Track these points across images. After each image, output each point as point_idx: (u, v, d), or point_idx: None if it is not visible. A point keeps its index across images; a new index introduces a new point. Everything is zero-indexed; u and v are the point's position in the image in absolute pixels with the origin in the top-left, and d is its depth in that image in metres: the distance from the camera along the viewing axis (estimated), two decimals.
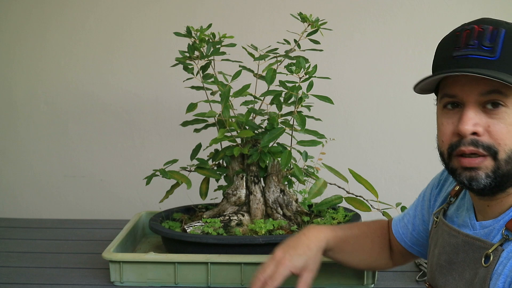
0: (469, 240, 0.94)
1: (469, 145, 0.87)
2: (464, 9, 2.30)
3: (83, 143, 2.45)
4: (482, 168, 0.87)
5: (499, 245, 0.88)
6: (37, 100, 2.43)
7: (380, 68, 2.32)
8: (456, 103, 0.91)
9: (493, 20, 0.91)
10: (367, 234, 1.30)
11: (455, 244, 0.97)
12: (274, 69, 1.71)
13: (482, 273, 0.89)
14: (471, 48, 0.88)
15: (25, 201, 2.49)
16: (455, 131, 0.89)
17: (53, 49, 2.40)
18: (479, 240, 0.92)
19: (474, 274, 0.91)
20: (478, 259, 0.91)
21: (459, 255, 0.96)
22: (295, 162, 1.74)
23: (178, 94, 2.31)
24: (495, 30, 0.88)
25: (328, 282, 1.56)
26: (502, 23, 0.89)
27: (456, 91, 0.90)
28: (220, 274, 1.58)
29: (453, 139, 0.90)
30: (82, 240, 2.03)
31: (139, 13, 2.36)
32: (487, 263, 0.89)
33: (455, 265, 0.97)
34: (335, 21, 1.92)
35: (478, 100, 0.87)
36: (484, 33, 0.88)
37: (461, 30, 0.92)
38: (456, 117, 0.90)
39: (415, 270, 1.71)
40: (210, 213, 1.81)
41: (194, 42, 1.76)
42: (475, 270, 0.91)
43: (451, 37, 0.94)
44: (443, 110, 0.93)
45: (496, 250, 0.88)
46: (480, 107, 0.88)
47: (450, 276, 0.98)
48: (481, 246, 0.91)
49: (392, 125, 2.33)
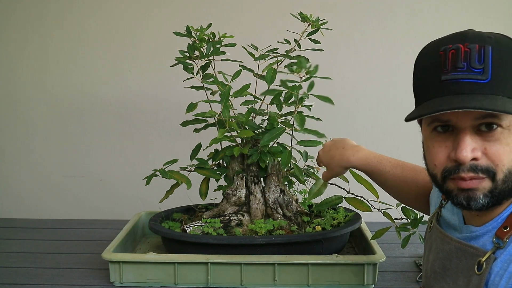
0: (461, 247, 0.94)
1: (469, 171, 0.85)
2: (464, 9, 2.30)
3: (83, 143, 2.45)
4: (479, 189, 0.86)
5: (491, 253, 0.88)
6: (37, 100, 2.43)
7: (380, 68, 2.32)
8: (447, 125, 0.88)
9: (477, 35, 0.86)
10: (406, 179, 1.28)
11: (448, 251, 0.97)
12: (274, 68, 1.71)
13: (475, 280, 0.89)
14: (460, 71, 0.84)
15: (25, 201, 2.49)
16: (451, 157, 0.87)
17: (53, 49, 2.40)
18: (472, 247, 0.92)
19: (467, 281, 0.91)
20: (471, 267, 0.91)
21: (452, 261, 0.95)
22: (295, 162, 1.74)
23: (178, 94, 2.31)
24: (481, 49, 0.83)
25: (328, 282, 1.56)
26: (486, 39, 0.85)
27: (450, 117, 0.86)
28: (220, 274, 1.57)
29: (448, 164, 0.88)
30: (82, 240, 2.02)
31: (139, 13, 2.36)
32: (480, 271, 0.88)
33: (448, 272, 0.96)
34: (335, 21, 1.92)
35: (473, 124, 0.85)
36: (471, 53, 0.83)
37: (444, 50, 0.86)
38: (449, 140, 0.88)
39: (415, 270, 1.70)
40: (210, 213, 1.81)
41: (194, 42, 1.76)
42: (468, 277, 0.91)
43: (434, 57, 0.88)
44: (433, 133, 0.90)
45: (489, 258, 0.88)
46: (474, 130, 0.85)
47: (444, 282, 0.97)
48: (474, 253, 0.91)
49: (392, 125, 2.33)
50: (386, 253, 1.61)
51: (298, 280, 1.57)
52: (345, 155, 1.32)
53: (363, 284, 1.56)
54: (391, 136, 2.34)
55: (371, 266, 1.56)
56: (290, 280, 1.57)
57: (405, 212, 1.58)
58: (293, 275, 1.57)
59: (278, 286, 1.57)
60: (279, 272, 1.56)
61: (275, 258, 1.56)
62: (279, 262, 1.56)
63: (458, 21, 2.29)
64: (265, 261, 1.56)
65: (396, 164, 1.30)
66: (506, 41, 0.86)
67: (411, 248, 1.84)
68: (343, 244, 1.74)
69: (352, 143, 1.39)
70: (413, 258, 1.80)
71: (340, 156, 1.33)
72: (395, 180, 1.29)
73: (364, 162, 1.30)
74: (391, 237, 1.74)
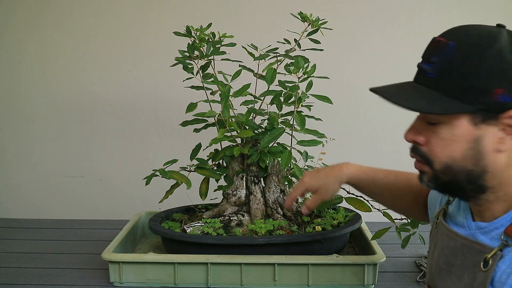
0: (467, 243, 0.94)
1: (411, 151, 0.94)
2: (465, 9, 2.30)
3: (83, 143, 2.45)
4: (424, 173, 0.94)
5: (498, 250, 0.88)
6: (37, 100, 2.43)
7: (381, 68, 2.32)
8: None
9: (458, 30, 0.89)
10: (400, 185, 1.28)
11: (453, 247, 0.97)
12: (274, 68, 1.71)
13: (481, 277, 0.89)
14: (424, 61, 0.90)
15: (25, 201, 2.49)
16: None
17: (53, 49, 2.40)
18: (478, 244, 0.91)
19: (473, 278, 0.91)
20: (476, 263, 0.90)
21: (458, 258, 0.95)
22: (295, 162, 1.74)
23: (178, 94, 2.30)
24: (444, 44, 0.87)
25: (328, 282, 1.56)
26: (460, 36, 0.87)
27: None
28: (220, 274, 1.57)
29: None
30: (82, 240, 2.02)
31: (139, 13, 2.36)
32: (486, 268, 0.88)
33: (453, 268, 0.96)
34: (336, 21, 1.91)
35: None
36: (437, 46, 0.88)
37: (433, 39, 0.92)
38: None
39: (415, 270, 1.70)
40: (210, 213, 1.81)
41: (194, 42, 1.76)
42: (474, 274, 0.91)
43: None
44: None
45: (495, 255, 0.87)
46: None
47: (449, 279, 0.97)
48: (480, 250, 0.91)
49: (392, 125, 2.33)
50: (386, 253, 1.61)
51: (298, 280, 1.57)
52: (338, 169, 1.29)
53: (363, 284, 1.56)
54: (391, 136, 2.34)
55: (371, 266, 1.56)
56: (290, 280, 1.57)
57: None
58: (293, 275, 1.57)
59: (278, 286, 1.57)
60: (279, 272, 1.56)
61: (275, 258, 1.56)
62: (279, 262, 1.55)
63: (458, 21, 2.28)
64: (265, 261, 1.56)
65: (389, 172, 1.31)
66: (475, 41, 0.86)
67: (411, 248, 1.84)
68: (343, 244, 1.74)
69: (326, 167, 1.37)
70: (413, 258, 1.80)
71: (335, 172, 1.30)
72: (390, 188, 1.29)
73: (359, 172, 1.29)
74: (391, 237, 1.73)
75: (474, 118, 0.86)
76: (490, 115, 0.85)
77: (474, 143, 0.87)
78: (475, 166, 0.88)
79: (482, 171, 0.88)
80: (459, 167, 0.89)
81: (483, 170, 0.88)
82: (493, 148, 0.87)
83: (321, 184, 1.30)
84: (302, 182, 1.33)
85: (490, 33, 0.86)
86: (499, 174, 0.89)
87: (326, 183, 1.30)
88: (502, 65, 0.83)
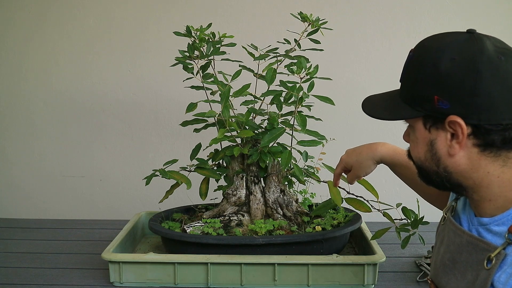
0: (473, 241, 0.94)
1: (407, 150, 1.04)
2: (465, 9, 2.30)
3: (83, 143, 2.45)
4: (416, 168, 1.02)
5: (502, 248, 0.88)
6: (37, 100, 2.43)
7: (381, 68, 2.32)
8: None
9: (421, 41, 0.98)
10: None
11: (459, 244, 0.97)
12: (274, 68, 1.71)
13: (483, 275, 0.89)
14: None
15: (25, 201, 2.49)
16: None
17: (53, 50, 2.40)
18: (483, 242, 0.92)
19: (475, 276, 0.91)
20: (480, 261, 0.91)
21: (463, 255, 0.96)
22: (295, 162, 1.74)
23: (178, 94, 2.30)
24: (409, 54, 0.97)
25: (328, 282, 1.56)
26: (419, 46, 0.96)
27: None
28: (220, 274, 1.57)
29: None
30: (82, 240, 2.02)
31: (139, 13, 2.36)
32: (489, 266, 0.89)
33: (458, 265, 0.97)
34: (336, 21, 1.92)
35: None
36: (408, 55, 0.98)
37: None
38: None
39: (415, 270, 1.70)
40: (210, 213, 1.81)
41: (194, 42, 1.76)
42: (477, 271, 0.91)
43: None
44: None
45: (499, 254, 0.88)
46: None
47: (452, 275, 0.98)
48: (484, 248, 0.91)
49: (392, 125, 2.33)
50: (386, 253, 1.61)
51: (298, 280, 1.57)
52: (373, 147, 1.35)
53: (363, 284, 1.56)
54: (391, 136, 2.34)
55: (371, 266, 1.56)
56: (290, 280, 1.57)
57: (405, 213, 1.58)
58: (293, 275, 1.57)
59: (278, 286, 1.57)
60: (279, 272, 1.56)
61: (275, 258, 1.56)
62: (279, 262, 1.55)
63: (458, 21, 2.29)
64: (265, 261, 1.56)
65: None
66: (422, 52, 0.94)
67: (411, 248, 1.84)
68: (343, 244, 1.74)
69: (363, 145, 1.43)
70: (413, 258, 1.80)
71: (369, 150, 1.35)
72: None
73: (393, 153, 1.33)
74: (391, 237, 1.73)
75: (426, 123, 0.93)
76: (437, 120, 0.91)
77: (430, 145, 0.93)
78: (437, 167, 0.94)
79: (446, 172, 0.93)
80: (427, 167, 0.96)
81: (446, 171, 0.93)
82: (445, 152, 0.91)
83: (354, 161, 1.37)
84: (341, 159, 1.42)
85: (441, 43, 0.93)
86: (467, 176, 0.92)
87: (360, 160, 1.36)
88: (438, 74, 0.89)
